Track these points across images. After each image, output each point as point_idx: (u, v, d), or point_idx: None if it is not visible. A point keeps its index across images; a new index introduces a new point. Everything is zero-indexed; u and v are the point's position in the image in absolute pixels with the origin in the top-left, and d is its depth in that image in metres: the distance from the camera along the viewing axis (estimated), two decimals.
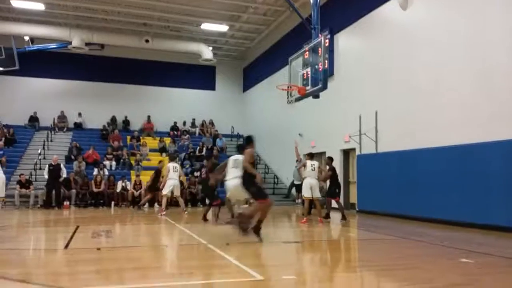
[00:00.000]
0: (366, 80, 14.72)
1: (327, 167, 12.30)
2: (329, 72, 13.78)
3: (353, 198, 15.55)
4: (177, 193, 13.55)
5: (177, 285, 4.64)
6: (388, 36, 13.83)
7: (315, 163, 11.45)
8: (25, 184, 16.49)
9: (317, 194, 11.20)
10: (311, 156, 11.93)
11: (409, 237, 8.81)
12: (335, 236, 10.04)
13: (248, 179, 7.51)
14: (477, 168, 10.01)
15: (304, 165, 11.37)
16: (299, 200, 18.67)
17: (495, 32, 10.07)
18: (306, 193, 11.20)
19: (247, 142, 8.57)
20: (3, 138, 20.48)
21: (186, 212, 13.53)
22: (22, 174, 16.87)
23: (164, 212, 13.00)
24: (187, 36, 23.04)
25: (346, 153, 16.12)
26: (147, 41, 21.37)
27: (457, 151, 10.64)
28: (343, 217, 11.74)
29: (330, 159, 12.71)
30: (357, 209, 14.83)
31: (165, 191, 13.24)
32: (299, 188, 18.60)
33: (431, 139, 11.55)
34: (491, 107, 10.04)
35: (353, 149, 15.44)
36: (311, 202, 11.53)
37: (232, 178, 8.08)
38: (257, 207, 7.60)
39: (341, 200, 15.71)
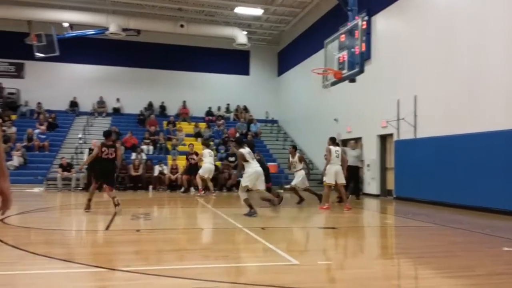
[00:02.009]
0: (405, 64, 14.29)
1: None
2: (366, 56, 13.47)
3: (390, 185, 15.27)
4: (210, 176, 14.26)
5: (213, 267, 4.71)
6: (428, 17, 13.33)
7: (339, 149, 11.21)
8: (67, 167, 17.06)
9: (342, 180, 10.84)
10: (333, 141, 11.44)
11: (448, 224, 8.59)
12: (371, 222, 9.92)
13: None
14: None
15: (329, 152, 11.00)
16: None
17: None
18: (330, 179, 10.84)
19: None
20: (46, 123, 21.21)
21: (214, 194, 14.39)
22: (64, 158, 17.46)
23: (202, 192, 13.75)
24: (222, 20, 23.01)
25: (383, 138, 15.80)
26: (182, 26, 21.47)
27: (500, 136, 10.22)
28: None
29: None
30: (394, 195, 14.58)
31: (204, 173, 14.33)
32: None
33: (473, 125, 11.14)
34: None
35: (391, 135, 15.10)
36: (329, 188, 11.12)
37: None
38: None
39: (377, 186, 15.59)
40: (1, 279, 4.02)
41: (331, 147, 11.09)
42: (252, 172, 8.99)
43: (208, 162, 14.47)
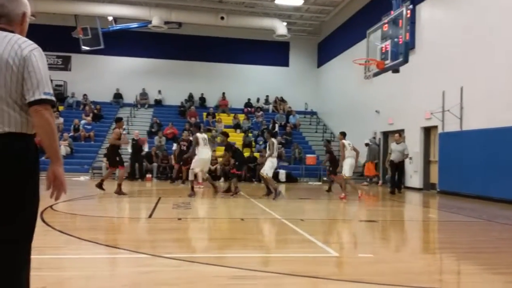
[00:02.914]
0: (451, 54, 13.76)
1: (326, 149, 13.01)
2: (410, 45, 13.07)
3: (434, 178, 14.84)
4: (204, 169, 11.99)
5: (252, 257, 4.73)
6: (476, 5, 12.76)
7: (351, 143, 11.64)
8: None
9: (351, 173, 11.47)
10: (344, 135, 11.78)
11: (495, 219, 8.27)
12: (413, 216, 9.68)
13: None
14: None
15: (343, 146, 11.38)
16: (372, 180, 18.22)
17: None
18: (349, 172, 11.25)
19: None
20: (91, 114, 21.93)
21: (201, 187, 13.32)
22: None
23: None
24: (262, 11, 22.94)
25: (427, 130, 15.34)
26: (222, 18, 21.56)
27: None
28: (330, 190, 13.08)
29: (328, 142, 13.47)
30: (437, 189, 14.16)
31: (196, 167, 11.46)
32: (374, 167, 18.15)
33: None
34: None
35: (435, 127, 14.64)
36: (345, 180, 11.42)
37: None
38: None
39: (420, 179, 15.20)
40: (49, 262, 4.20)
41: (344, 141, 11.46)
42: (202, 157, 10.27)
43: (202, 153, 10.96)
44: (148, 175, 17.20)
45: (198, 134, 10.50)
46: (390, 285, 3.78)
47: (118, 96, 24.59)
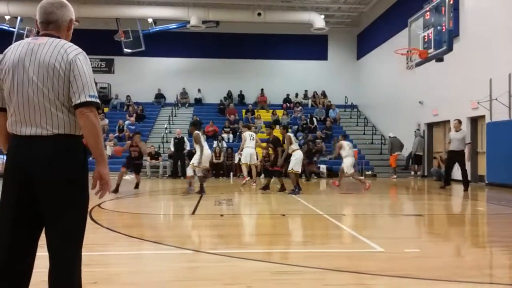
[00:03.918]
0: (497, 40, 13.15)
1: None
2: (454, 33, 12.60)
3: (482, 170, 14.27)
4: (251, 162, 13.41)
5: (296, 252, 4.72)
6: None
7: (349, 143, 12.56)
8: (155, 155, 18.01)
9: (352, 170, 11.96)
10: (344, 137, 12.93)
11: None
12: (461, 210, 9.36)
13: None
14: None
15: (341, 147, 11.84)
16: (418, 173, 17.75)
17: None
18: (350, 170, 11.82)
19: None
20: (135, 114, 22.53)
21: (254, 184, 13.16)
22: (152, 147, 18.44)
23: (247, 180, 13.18)
24: (298, 5, 22.76)
25: (474, 121, 14.76)
26: (259, 14, 21.56)
27: None
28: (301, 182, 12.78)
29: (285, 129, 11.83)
30: (486, 181, 13.61)
31: (245, 159, 13.47)
32: (418, 159, 17.67)
33: None
34: None
35: (482, 117, 14.06)
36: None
37: None
38: None
39: (468, 171, 14.59)
40: (99, 259, 4.36)
41: (343, 142, 12.05)
42: (206, 154, 10.54)
43: (248, 146, 13.27)
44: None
45: (199, 132, 10.89)
46: (438, 280, 3.68)
47: (159, 96, 25.13)
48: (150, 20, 21.91)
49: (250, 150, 13.39)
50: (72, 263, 2.29)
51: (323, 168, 17.91)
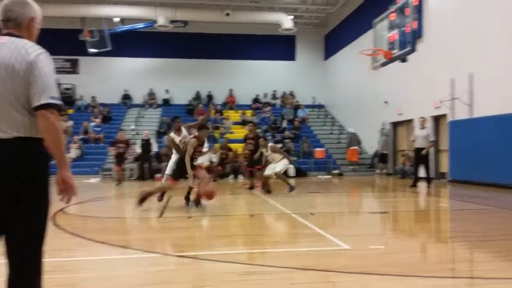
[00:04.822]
0: (460, 41, 13.60)
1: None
2: (417, 34, 12.93)
3: (444, 167, 14.73)
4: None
5: (263, 252, 4.74)
6: None
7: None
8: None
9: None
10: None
11: (509, 207, 8.19)
12: (425, 206, 9.63)
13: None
14: None
15: (277, 151, 11.38)
16: (384, 171, 18.14)
17: None
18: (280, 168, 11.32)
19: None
20: (100, 116, 22.08)
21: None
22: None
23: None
24: (267, 6, 22.88)
25: (437, 119, 15.21)
26: (227, 14, 21.55)
27: None
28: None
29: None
30: (448, 178, 14.04)
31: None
32: (384, 158, 18.08)
33: None
34: None
35: (444, 115, 14.51)
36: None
37: None
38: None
39: (431, 169, 15.01)
40: (63, 265, 4.25)
41: (271, 144, 11.70)
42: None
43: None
44: (158, 175, 17.25)
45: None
46: (403, 275, 3.76)
47: (126, 97, 24.72)
48: (116, 20, 21.52)
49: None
50: (33, 268, 2.22)
51: (291, 168, 18.02)
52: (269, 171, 10.56)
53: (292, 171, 17.72)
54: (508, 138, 11.36)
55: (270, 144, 11.33)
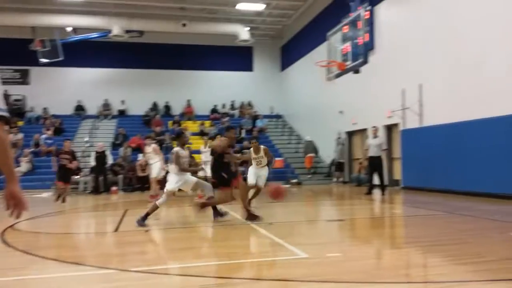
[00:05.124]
0: (409, 53, 14.18)
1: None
2: (369, 46, 13.40)
3: (397, 175, 15.21)
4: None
5: (221, 264, 4.71)
6: (431, 5, 13.21)
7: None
8: (74, 171, 17.12)
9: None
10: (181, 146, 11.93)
11: (458, 212, 8.55)
12: (379, 213, 9.88)
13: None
14: None
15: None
16: (340, 179, 18.50)
17: None
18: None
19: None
20: (52, 128, 21.33)
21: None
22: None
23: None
24: (224, 17, 22.97)
25: (389, 128, 15.72)
26: (184, 25, 21.49)
27: (505, 122, 10.14)
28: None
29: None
30: (401, 185, 14.51)
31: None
32: (340, 167, 18.47)
33: (479, 111, 11.04)
34: None
35: (396, 124, 15.03)
36: None
37: None
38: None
39: (385, 176, 15.46)
40: (13, 284, 4.05)
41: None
42: None
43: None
44: (114, 188, 16.84)
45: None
46: (359, 282, 3.84)
47: (79, 108, 24.03)
48: (69, 29, 20.94)
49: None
50: None
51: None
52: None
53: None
54: (455, 146, 11.91)
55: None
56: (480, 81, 11.23)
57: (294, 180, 18.78)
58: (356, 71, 12.23)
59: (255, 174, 9.27)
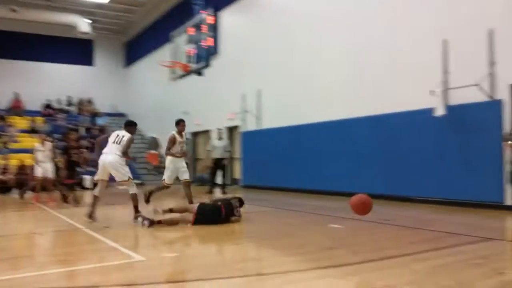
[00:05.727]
0: (250, 60, 15.01)
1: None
2: (214, 51, 13.79)
3: (237, 174, 15.96)
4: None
5: (49, 273, 4.36)
6: (269, 17, 14.20)
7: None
8: None
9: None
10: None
11: (288, 207, 9.35)
12: None
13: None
14: (350, 140, 10.94)
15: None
16: None
17: (367, 13, 10.91)
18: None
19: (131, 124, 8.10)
20: None
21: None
22: None
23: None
24: (60, 6, 21.19)
25: (231, 130, 16.40)
26: (13, 10, 19.23)
27: (331, 125, 11.49)
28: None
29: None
30: (241, 184, 15.26)
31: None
32: None
33: (311, 116, 12.26)
34: (361, 85, 10.95)
35: (237, 127, 15.77)
36: None
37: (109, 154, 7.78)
38: None
39: (226, 175, 16.07)
40: None
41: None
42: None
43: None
44: None
45: None
46: (196, 280, 3.96)
47: None
48: None
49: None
50: None
51: (88, 179, 16.99)
52: None
53: (88, 182, 16.71)
54: (289, 147, 13.03)
55: None
56: (311, 89, 12.48)
57: (138, 181, 18.24)
58: (199, 73, 12.51)
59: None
